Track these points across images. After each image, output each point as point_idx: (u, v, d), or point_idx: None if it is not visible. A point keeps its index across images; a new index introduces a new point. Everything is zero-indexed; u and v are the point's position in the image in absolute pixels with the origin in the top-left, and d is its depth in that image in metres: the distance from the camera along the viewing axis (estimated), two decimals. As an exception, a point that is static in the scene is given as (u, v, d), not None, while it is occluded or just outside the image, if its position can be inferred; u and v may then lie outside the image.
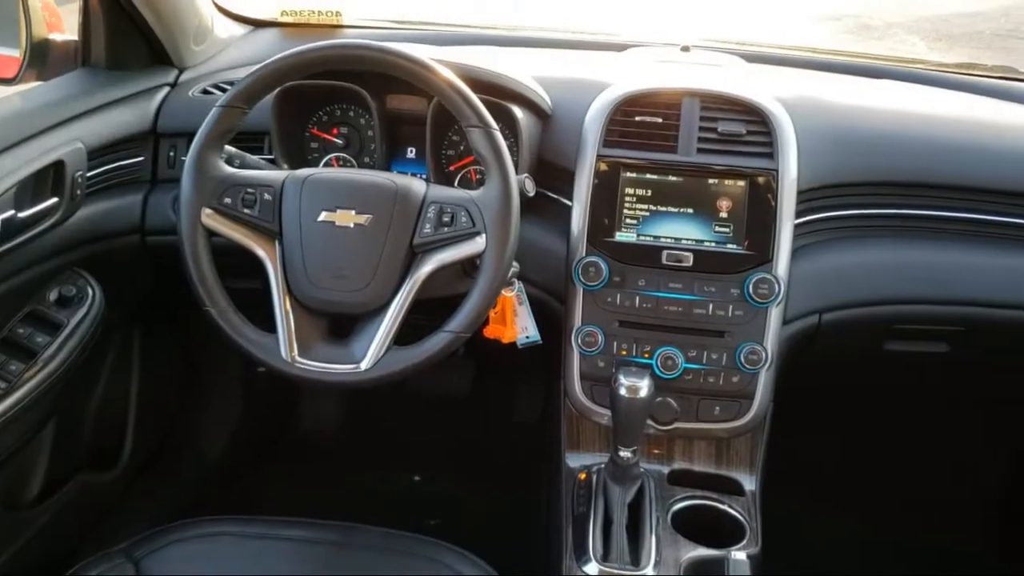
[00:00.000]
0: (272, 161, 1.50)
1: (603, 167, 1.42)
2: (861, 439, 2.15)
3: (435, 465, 2.19)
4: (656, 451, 1.50)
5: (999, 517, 2.13)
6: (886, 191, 1.49)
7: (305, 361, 1.23)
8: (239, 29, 1.96)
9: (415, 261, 1.24)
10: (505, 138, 1.39)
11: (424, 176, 1.48)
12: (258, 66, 1.28)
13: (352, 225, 1.24)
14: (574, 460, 1.50)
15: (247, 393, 2.23)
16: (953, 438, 2.12)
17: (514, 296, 1.39)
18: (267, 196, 1.26)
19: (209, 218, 1.25)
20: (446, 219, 1.23)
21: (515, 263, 1.32)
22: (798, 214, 1.41)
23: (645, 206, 1.41)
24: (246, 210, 1.26)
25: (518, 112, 1.44)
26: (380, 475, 2.19)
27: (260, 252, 1.26)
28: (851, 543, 2.02)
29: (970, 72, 1.88)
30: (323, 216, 1.25)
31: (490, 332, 1.39)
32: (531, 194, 1.34)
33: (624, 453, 1.30)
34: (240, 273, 1.28)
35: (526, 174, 1.35)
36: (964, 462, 2.15)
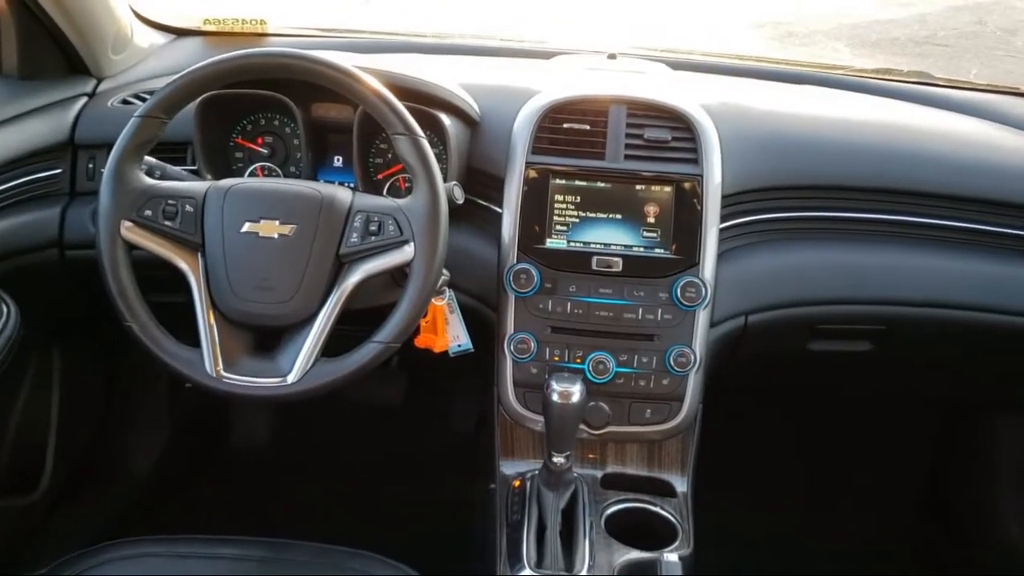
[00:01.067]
0: (195, 172, 1.47)
1: (532, 174, 1.42)
2: (790, 438, 2.20)
3: (371, 476, 2.16)
4: (591, 456, 1.51)
5: (923, 513, 2.19)
6: (808, 194, 1.53)
7: (230, 375, 1.20)
8: (160, 38, 1.92)
9: (342, 271, 1.23)
10: (433, 146, 1.38)
11: (351, 185, 1.47)
12: (179, 75, 1.25)
13: (276, 236, 1.22)
14: (509, 467, 1.50)
15: (175, 409, 2.17)
16: (878, 436, 2.18)
17: (445, 305, 1.39)
18: (189, 208, 1.24)
19: (129, 231, 1.22)
20: (373, 228, 1.22)
21: (445, 271, 1.31)
22: (723, 218, 1.44)
23: (575, 212, 1.42)
24: (167, 222, 1.23)
25: (446, 120, 1.43)
26: (315, 488, 2.15)
27: (182, 265, 1.23)
28: (782, 540, 2.05)
29: (887, 77, 1.93)
30: (247, 227, 1.22)
31: (421, 342, 1.38)
32: (460, 202, 1.33)
33: (557, 459, 1.30)
34: (163, 287, 1.25)
35: (455, 182, 1.35)
36: (890, 460, 2.21)
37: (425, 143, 1.24)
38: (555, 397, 1.25)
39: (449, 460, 1.98)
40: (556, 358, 1.40)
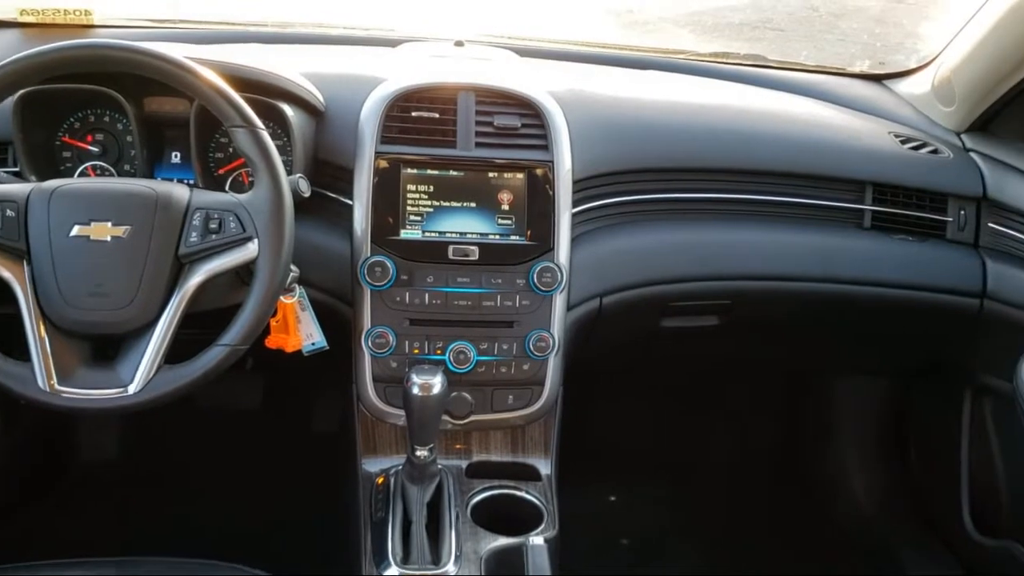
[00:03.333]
0: (17, 174, 1.37)
1: (382, 164, 1.40)
2: (650, 414, 2.26)
3: (231, 483, 2.08)
4: (457, 446, 1.51)
5: (778, 476, 2.30)
6: (655, 177, 1.57)
7: (66, 389, 1.13)
8: (-30, 30, 1.77)
9: (183, 272, 1.18)
10: (276, 138, 1.35)
11: (190, 182, 1.40)
12: None
13: (109, 238, 1.16)
14: (372, 465, 1.47)
15: (9, 426, 2.02)
16: (733, 407, 2.27)
17: (295, 302, 1.34)
18: (10, 212, 1.16)
19: None
20: (213, 226, 1.18)
21: (294, 267, 1.27)
22: (575, 203, 1.45)
23: (428, 202, 1.40)
24: None
25: (288, 110, 1.39)
26: (173, 499, 2.06)
27: (6, 274, 1.15)
28: (645, 514, 2.11)
29: (725, 61, 2.01)
30: (76, 230, 1.15)
31: (272, 342, 1.34)
32: (306, 194, 1.29)
33: (421, 452, 1.29)
34: None
35: (300, 174, 1.31)
36: (746, 428, 2.30)
37: (265, 135, 1.20)
38: (415, 390, 1.24)
39: (312, 461, 1.93)
40: (416, 350, 1.39)
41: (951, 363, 1.83)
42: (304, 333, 1.36)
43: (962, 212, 1.64)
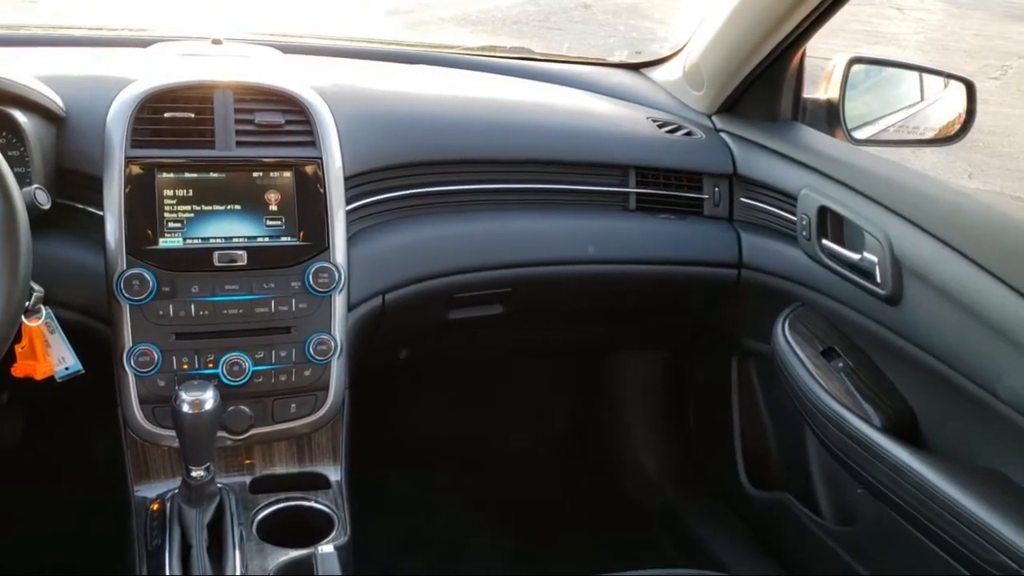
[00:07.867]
0: None
1: (135, 170, 1.31)
2: (447, 407, 2.27)
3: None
4: (247, 461, 1.44)
5: (573, 455, 2.37)
6: (428, 170, 1.56)
7: None
8: None
9: None
10: (12, 148, 1.25)
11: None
12: None
13: None
14: (147, 490, 1.38)
15: None
16: (526, 394, 2.32)
17: (42, 325, 1.23)
18: None
19: None
20: None
21: (37, 287, 1.18)
22: (349, 200, 1.43)
23: (188, 207, 1.33)
24: None
25: (21, 117, 1.28)
26: None
27: None
28: (449, 508, 2.11)
29: (491, 54, 2.04)
30: None
31: (19, 370, 1.22)
32: (45, 207, 1.19)
33: (196, 473, 1.22)
34: None
35: (37, 185, 1.21)
36: (538, 414, 2.36)
37: None
38: (185, 408, 1.17)
39: (85, 492, 1.79)
40: (185, 366, 1.31)
41: (718, 331, 1.95)
42: (55, 357, 1.25)
43: (716, 189, 1.75)
